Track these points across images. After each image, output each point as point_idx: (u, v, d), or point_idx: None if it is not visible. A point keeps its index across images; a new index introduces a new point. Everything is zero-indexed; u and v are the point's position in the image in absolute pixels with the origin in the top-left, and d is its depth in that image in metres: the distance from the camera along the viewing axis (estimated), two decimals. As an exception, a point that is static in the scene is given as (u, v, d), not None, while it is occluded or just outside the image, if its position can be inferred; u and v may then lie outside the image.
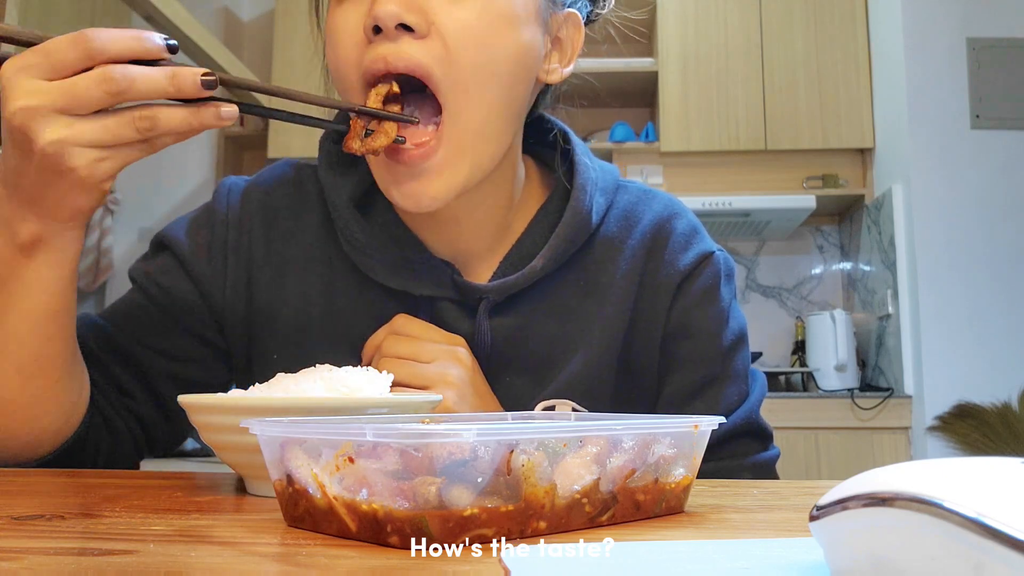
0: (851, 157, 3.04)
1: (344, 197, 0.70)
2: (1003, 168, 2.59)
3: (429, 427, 0.35)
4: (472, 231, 0.70)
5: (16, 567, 0.30)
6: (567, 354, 0.69)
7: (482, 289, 0.68)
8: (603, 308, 0.70)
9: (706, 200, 2.88)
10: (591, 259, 0.71)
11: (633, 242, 0.72)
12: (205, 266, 0.72)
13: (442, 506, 0.33)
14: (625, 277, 0.71)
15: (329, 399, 0.49)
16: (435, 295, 0.68)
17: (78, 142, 0.49)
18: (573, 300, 0.70)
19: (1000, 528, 0.21)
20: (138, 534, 0.37)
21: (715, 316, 0.71)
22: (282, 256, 0.72)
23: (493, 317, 0.69)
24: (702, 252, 0.72)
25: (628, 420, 0.43)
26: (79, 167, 0.49)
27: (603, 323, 0.70)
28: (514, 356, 0.69)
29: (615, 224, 0.73)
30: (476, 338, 0.68)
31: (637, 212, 0.73)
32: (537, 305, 0.70)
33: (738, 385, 0.71)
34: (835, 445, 2.58)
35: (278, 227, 0.73)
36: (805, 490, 0.53)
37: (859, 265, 3.08)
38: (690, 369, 0.70)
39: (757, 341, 3.21)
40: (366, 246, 0.69)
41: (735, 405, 0.70)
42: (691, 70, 3.05)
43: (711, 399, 0.70)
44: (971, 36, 2.64)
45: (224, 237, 0.72)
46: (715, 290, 0.71)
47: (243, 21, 3.69)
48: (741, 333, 0.73)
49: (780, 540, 0.36)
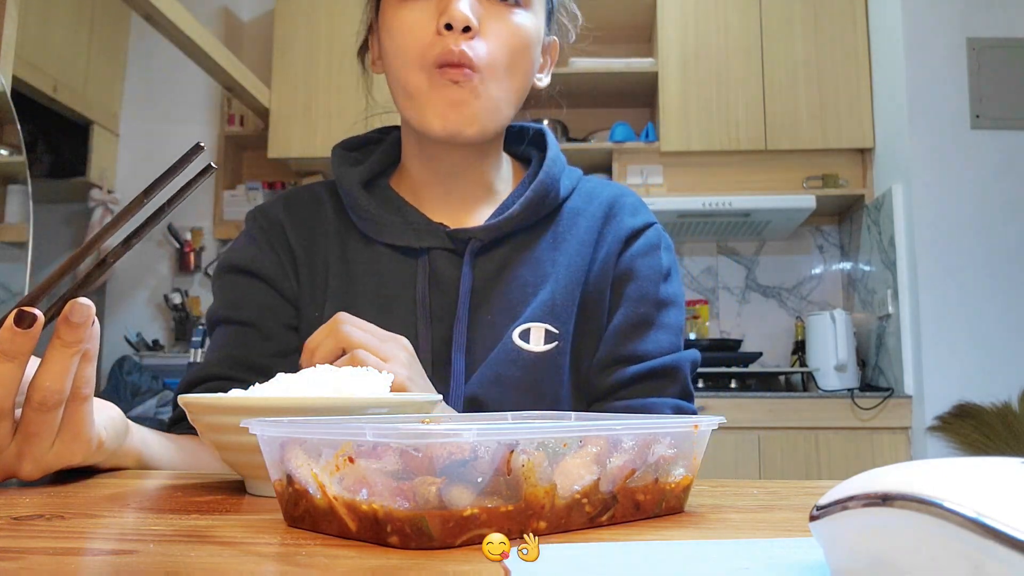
0: (851, 157, 3.04)
1: (354, 180, 0.87)
2: (1003, 168, 2.59)
3: (429, 427, 0.35)
4: (462, 189, 0.88)
5: (16, 567, 0.30)
6: (535, 292, 0.83)
7: (469, 232, 0.83)
8: (567, 256, 0.86)
9: (706, 200, 2.88)
10: (559, 223, 0.88)
11: (593, 209, 0.89)
12: (269, 266, 0.86)
13: (442, 506, 0.33)
14: (586, 232, 0.87)
15: (329, 399, 0.49)
16: (432, 246, 0.84)
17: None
18: (543, 252, 0.86)
19: (1000, 528, 0.21)
20: (138, 534, 0.37)
21: (655, 267, 0.86)
22: (310, 242, 0.88)
23: (476, 261, 0.84)
24: (647, 220, 0.90)
25: (628, 420, 0.43)
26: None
27: (567, 266, 0.85)
28: (492, 295, 0.83)
29: (579, 200, 0.90)
30: (462, 278, 0.82)
31: (597, 190, 0.92)
32: (513, 255, 0.85)
33: (670, 336, 0.84)
34: (835, 445, 2.58)
35: (302, 223, 0.89)
36: (805, 490, 0.53)
37: (859, 265, 3.08)
38: (630, 306, 0.84)
39: (757, 341, 3.21)
40: (374, 215, 0.85)
41: (666, 352, 0.83)
42: (691, 70, 3.05)
43: (645, 338, 0.83)
44: (971, 36, 2.64)
45: (270, 240, 0.88)
46: (656, 249, 0.88)
47: (243, 21, 3.69)
48: (676, 297, 0.87)
49: (780, 540, 0.36)
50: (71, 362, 0.50)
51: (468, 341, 0.81)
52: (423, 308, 0.81)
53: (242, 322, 0.84)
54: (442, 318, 0.82)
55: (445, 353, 0.80)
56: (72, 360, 0.50)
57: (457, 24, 0.76)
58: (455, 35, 0.77)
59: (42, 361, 0.50)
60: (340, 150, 0.92)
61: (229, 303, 0.85)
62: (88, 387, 0.52)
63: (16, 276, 1.72)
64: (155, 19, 2.38)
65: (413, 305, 0.82)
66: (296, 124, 3.20)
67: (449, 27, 0.77)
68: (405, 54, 0.79)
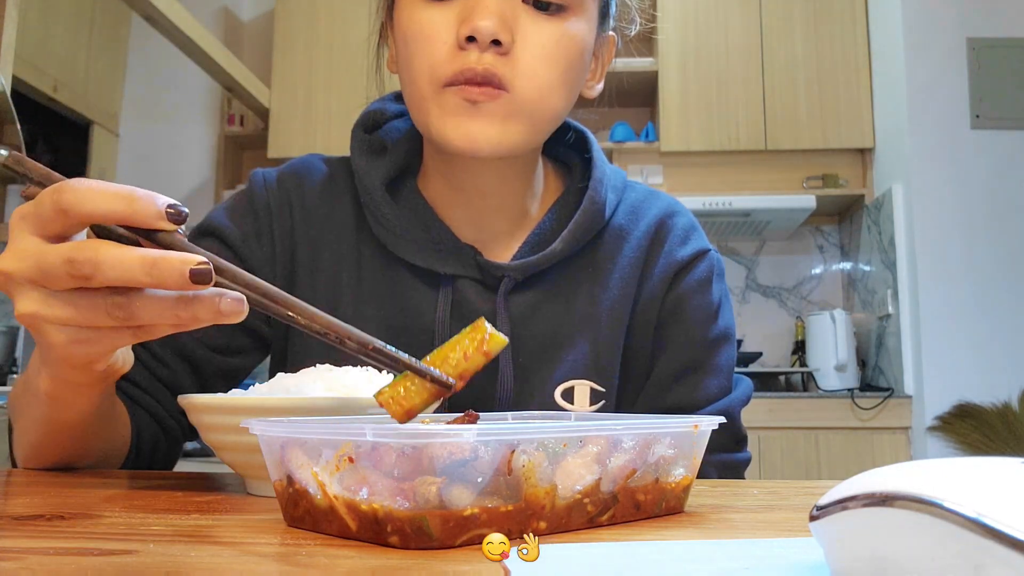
0: (851, 157, 3.04)
1: (376, 181, 0.74)
2: (1003, 168, 2.59)
3: (429, 427, 0.35)
4: (495, 210, 0.75)
5: (16, 567, 0.30)
6: (574, 336, 0.73)
7: (504, 268, 0.72)
8: (609, 291, 0.75)
9: (706, 200, 2.88)
10: (600, 247, 0.76)
11: (638, 233, 0.77)
12: (256, 252, 0.75)
13: (442, 506, 0.33)
14: (630, 264, 0.76)
15: (329, 399, 0.49)
16: (458, 273, 0.72)
17: (49, 319, 0.43)
18: (582, 285, 0.75)
19: (1000, 528, 0.21)
20: (138, 534, 0.37)
21: (705, 306, 0.76)
22: (318, 239, 0.76)
23: (509, 298, 0.73)
24: (699, 248, 0.78)
25: (628, 420, 0.44)
26: (56, 345, 0.45)
27: (609, 307, 0.74)
28: (527, 335, 0.73)
29: (623, 217, 0.78)
30: (497, 316, 0.72)
31: (643, 208, 0.79)
32: (549, 288, 0.74)
33: (720, 380, 0.75)
34: (835, 445, 2.58)
35: (314, 212, 0.77)
36: (805, 490, 0.53)
37: (859, 265, 3.08)
38: (676, 352, 0.75)
39: (757, 341, 3.21)
40: (396, 227, 0.73)
41: (715, 398, 0.74)
42: (691, 70, 3.05)
43: (692, 385, 0.74)
44: (971, 36, 2.64)
45: (269, 224, 0.76)
46: (708, 283, 0.77)
47: (243, 21, 3.69)
48: (728, 332, 0.77)
49: (780, 540, 0.36)
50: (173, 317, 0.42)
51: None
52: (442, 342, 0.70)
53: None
54: None
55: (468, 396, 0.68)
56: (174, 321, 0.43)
57: (483, 37, 0.62)
58: (480, 50, 0.63)
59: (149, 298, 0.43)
60: (361, 133, 0.78)
61: None
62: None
63: (16, 276, 1.72)
64: (155, 19, 2.38)
65: (431, 337, 0.71)
66: (296, 124, 3.21)
67: (472, 39, 0.63)
68: (419, 65, 0.66)
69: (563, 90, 0.68)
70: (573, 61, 0.67)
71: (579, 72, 0.70)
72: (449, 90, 0.64)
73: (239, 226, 0.75)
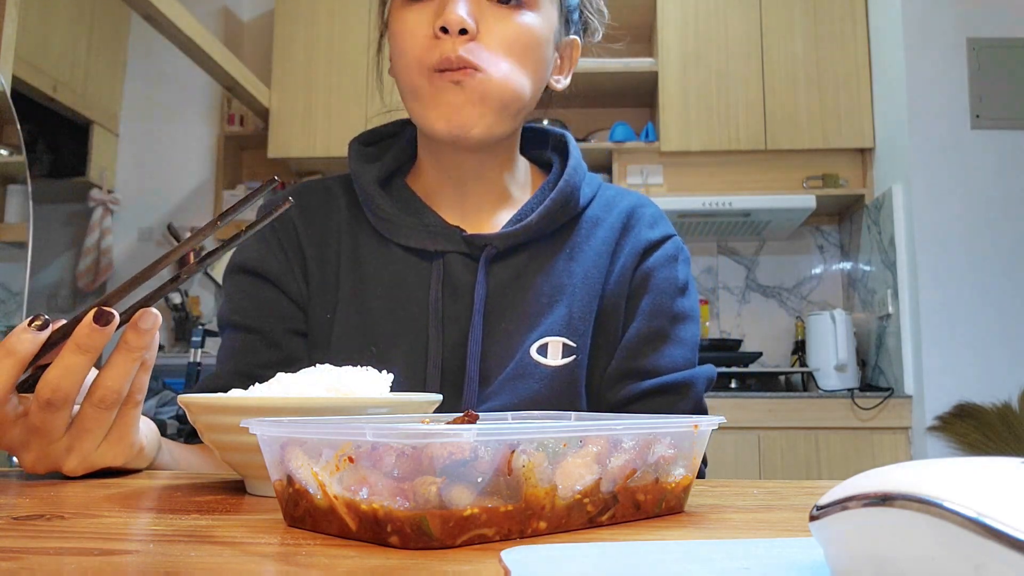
0: (851, 157, 3.04)
1: (371, 179, 0.86)
2: (1003, 168, 2.59)
3: (429, 427, 0.35)
4: (477, 194, 0.87)
5: (16, 567, 0.30)
6: (552, 304, 0.82)
7: (486, 237, 0.82)
8: (584, 267, 0.84)
9: (706, 200, 2.88)
10: (576, 232, 0.86)
11: (612, 219, 0.88)
12: (276, 265, 0.85)
13: (442, 506, 0.33)
14: (603, 243, 0.86)
15: (329, 399, 0.49)
16: (447, 250, 0.82)
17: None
18: (560, 262, 0.84)
19: (1000, 528, 0.21)
20: (138, 534, 0.37)
21: (672, 279, 0.85)
22: (321, 237, 0.87)
23: (491, 268, 0.83)
24: (666, 232, 0.89)
25: (628, 420, 0.43)
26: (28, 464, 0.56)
27: (584, 279, 0.84)
28: (507, 304, 0.82)
29: (598, 209, 0.89)
30: (477, 285, 0.81)
31: (615, 200, 0.91)
32: (529, 264, 0.84)
33: (684, 351, 0.83)
34: (835, 445, 2.58)
35: (314, 218, 0.88)
36: (805, 490, 0.53)
37: (859, 265, 3.08)
38: (645, 319, 0.83)
39: (757, 341, 3.21)
40: (390, 215, 0.84)
41: (680, 367, 0.82)
42: (691, 70, 3.06)
43: (659, 350, 0.82)
44: (971, 36, 2.64)
45: (279, 239, 0.86)
46: (674, 260, 0.87)
47: (243, 21, 3.69)
48: (693, 312, 0.86)
49: (780, 540, 0.36)
50: (132, 367, 0.54)
51: (483, 349, 0.80)
52: (435, 312, 0.80)
53: (248, 328, 0.83)
54: (455, 323, 0.81)
55: (457, 359, 0.80)
56: (134, 365, 0.54)
57: (452, 27, 0.75)
58: (451, 39, 0.76)
59: (106, 362, 0.54)
60: (357, 145, 0.91)
61: (236, 307, 0.85)
62: (140, 394, 0.56)
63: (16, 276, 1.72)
64: (155, 19, 2.38)
65: (426, 309, 0.81)
66: (296, 124, 3.21)
67: (445, 30, 0.76)
68: (407, 57, 0.79)
69: (526, 72, 0.79)
70: (530, 47, 0.79)
71: (539, 58, 0.81)
72: (436, 75, 0.77)
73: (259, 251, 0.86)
